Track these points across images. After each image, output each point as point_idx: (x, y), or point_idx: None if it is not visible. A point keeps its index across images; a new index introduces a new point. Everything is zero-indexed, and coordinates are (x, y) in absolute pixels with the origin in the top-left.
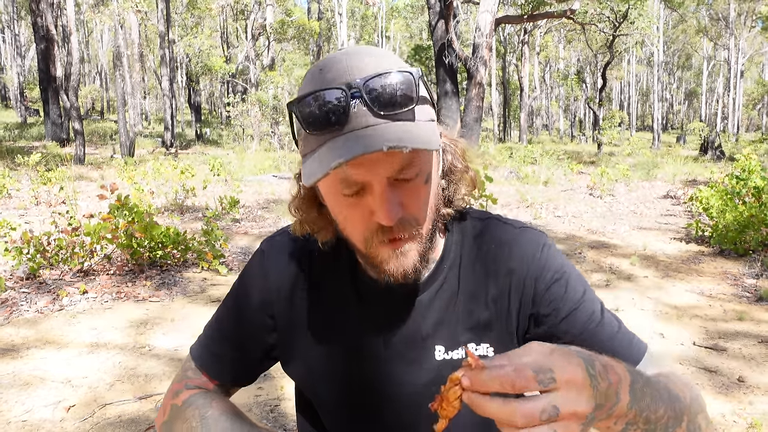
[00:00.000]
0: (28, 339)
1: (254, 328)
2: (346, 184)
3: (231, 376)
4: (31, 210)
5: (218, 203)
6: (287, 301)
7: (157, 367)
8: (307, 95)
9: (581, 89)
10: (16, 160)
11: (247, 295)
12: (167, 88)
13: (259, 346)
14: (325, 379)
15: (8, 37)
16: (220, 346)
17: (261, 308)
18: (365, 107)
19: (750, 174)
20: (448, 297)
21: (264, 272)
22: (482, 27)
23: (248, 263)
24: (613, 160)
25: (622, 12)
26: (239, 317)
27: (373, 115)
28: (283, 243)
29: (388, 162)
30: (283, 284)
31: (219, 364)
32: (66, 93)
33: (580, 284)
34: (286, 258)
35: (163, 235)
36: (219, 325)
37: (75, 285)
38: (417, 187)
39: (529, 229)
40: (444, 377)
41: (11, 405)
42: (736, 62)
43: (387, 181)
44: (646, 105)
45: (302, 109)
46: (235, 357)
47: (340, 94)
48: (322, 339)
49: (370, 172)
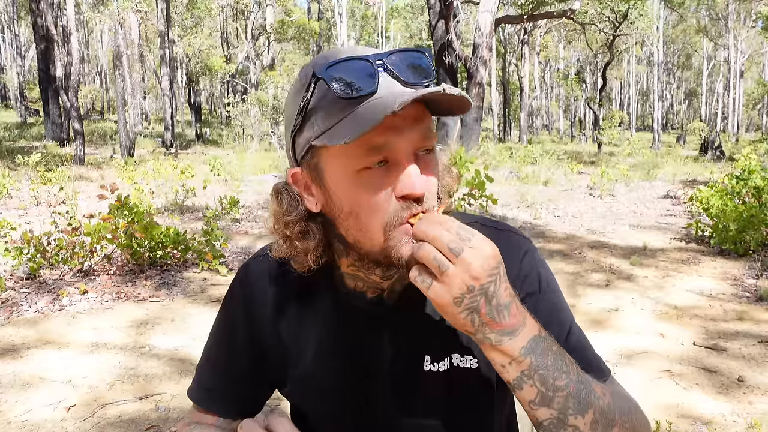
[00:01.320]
0: (28, 339)
1: (245, 359)
2: (376, 151)
3: (234, 409)
4: (31, 210)
5: (218, 203)
6: (273, 330)
7: (158, 367)
8: (338, 60)
9: (581, 89)
10: (16, 160)
11: (233, 327)
12: (167, 88)
13: (254, 375)
14: (318, 400)
15: (8, 37)
16: (216, 381)
17: (248, 341)
18: (392, 77)
19: (750, 174)
20: (433, 309)
21: (246, 303)
22: (482, 27)
23: (228, 293)
24: (613, 160)
25: (622, 12)
26: (229, 351)
27: (401, 84)
28: (260, 270)
29: (416, 128)
30: (266, 314)
31: (219, 401)
32: (66, 93)
33: (555, 296)
34: (266, 285)
35: (163, 235)
36: (211, 361)
37: (75, 285)
38: (432, 163)
39: (512, 233)
40: (432, 389)
41: (12, 405)
42: (736, 62)
43: (414, 150)
44: (646, 105)
45: (334, 74)
46: (233, 390)
47: (367, 63)
48: (313, 361)
49: (399, 137)
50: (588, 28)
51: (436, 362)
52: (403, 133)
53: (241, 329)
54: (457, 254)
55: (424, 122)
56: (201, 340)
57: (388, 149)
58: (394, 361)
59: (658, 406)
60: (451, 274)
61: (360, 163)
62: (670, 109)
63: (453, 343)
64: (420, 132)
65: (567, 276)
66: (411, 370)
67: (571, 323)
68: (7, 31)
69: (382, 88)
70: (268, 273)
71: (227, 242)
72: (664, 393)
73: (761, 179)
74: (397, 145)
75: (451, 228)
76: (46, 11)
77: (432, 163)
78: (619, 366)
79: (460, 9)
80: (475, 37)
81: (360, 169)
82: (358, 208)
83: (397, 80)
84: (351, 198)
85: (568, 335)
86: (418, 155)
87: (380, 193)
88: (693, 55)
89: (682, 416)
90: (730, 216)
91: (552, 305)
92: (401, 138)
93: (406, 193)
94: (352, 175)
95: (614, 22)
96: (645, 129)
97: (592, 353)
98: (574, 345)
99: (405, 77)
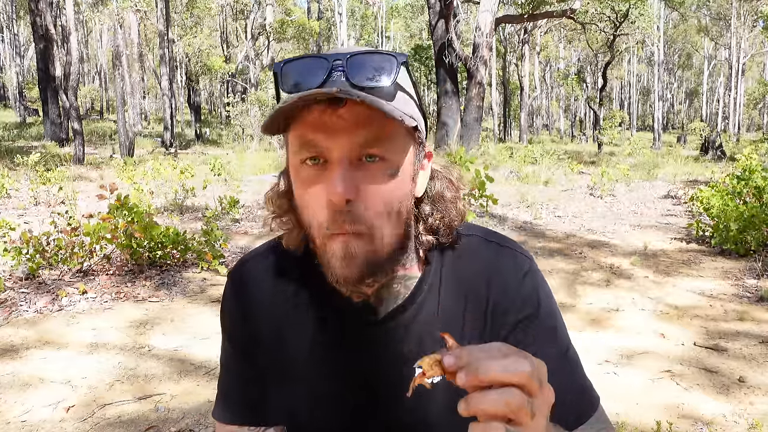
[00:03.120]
0: (27, 339)
1: (247, 363)
2: (307, 146)
3: (251, 414)
4: (30, 210)
5: (218, 203)
6: (265, 334)
7: (157, 368)
8: (294, 58)
9: (582, 89)
10: (15, 160)
11: (230, 336)
12: (167, 88)
13: (260, 377)
14: (311, 409)
15: (7, 36)
16: (230, 390)
17: (245, 345)
18: (344, 79)
19: (751, 174)
20: (428, 321)
21: (241, 310)
22: (482, 26)
23: (222, 300)
24: (614, 160)
25: (622, 12)
26: (233, 359)
27: (350, 86)
28: (249, 274)
29: (356, 132)
30: (259, 322)
31: (246, 409)
32: (65, 93)
33: (553, 320)
34: (253, 290)
35: (163, 236)
36: (228, 373)
37: (74, 285)
38: (379, 174)
39: (514, 251)
40: (425, 401)
41: (11, 405)
42: (737, 62)
43: (348, 154)
44: (646, 104)
45: (286, 70)
46: (246, 395)
47: (323, 62)
48: (305, 370)
49: (331, 137)
50: (588, 28)
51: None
52: (337, 133)
53: (237, 335)
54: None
55: (371, 127)
56: (201, 340)
57: (318, 148)
58: (389, 373)
59: (658, 407)
60: (537, 404)
61: (297, 156)
62: (670, 109)
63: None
64: (361, 136)
65: (567, 276)
66: (405, 382)
67: (568, 348)
68: (6, 31)
69: (329, 86)
70: (256, 280)
71: (227, 242)
72: (665, 393)
73: (762, 179)
74: (327, 145)
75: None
76: (45, 11)
77: (378, 174)
78: (619, 366)
79: (460, 8)
80: (476, 37)
81: (299, 162)
82: (299, 200)
83: (348, 82)
84: (295, 187)
85: (563, 359)
86: (361, 162)
87: (311, 191)
88: (694, 55)
89: (683, 417)
90: (731, 216)
91: (549, 329)
92: (333, 139)
93: (328, 197)
94: (295, 167)
95: (615, 21)
96: (645, 129)
97: (583, 382)
98: (568, 371)
99: (356, 79)
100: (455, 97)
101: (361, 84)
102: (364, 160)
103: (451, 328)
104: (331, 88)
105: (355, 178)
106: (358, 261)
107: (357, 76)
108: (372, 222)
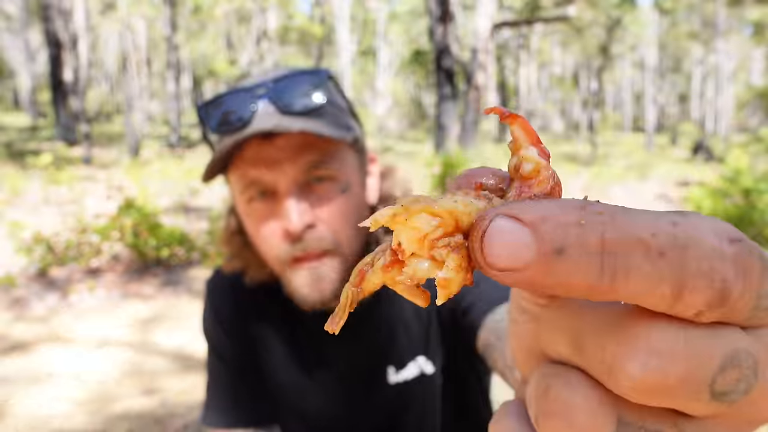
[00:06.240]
0: (38, 335)
1: (230, 368)
2: (251, 184)
3: (236, 417)
4: (41, 210)
5: (223, 203)
6: (239, 341)
7: (163, 364)
8: (215, 98)
9: (576, 92)
10: (27, 162)
11: (218, 343)
12: (173, 91)
13: (242, 379)
14: (287, 414)
15: (19, 42)
16: (216, 396)
17: (223, 352)
18: (273, 106)
19: (739, 175)
20: (394, 317)
21: (217, 318)
22: (480, 31)
23: (203, 308)
24: (608, 161)
25: (616, 18)
26: (222, 363)
27: (280, 113)
28: (223, 284)
29: (295, 160)
30: (232, 325)
31: (234, 412)
32: (75, 96)
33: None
34: (225, 300)
35: (169, 235)
36: (213, 379)
37: (83, 283)
38: (331, 193)
39: None
40: (397, 399)
41: (21, 399)
42: (726, 66)
43: (295, 182)
44: (639, 107)
45: (210, 111)
46: (231, 399)
47: (245, 95)
48: (278, 376)
49: (274, 170)
50: (583, 33)
51: (399, 370)
52: (279, 165)
53: (217, 342)
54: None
55: (312, 150)
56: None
57: (263, 183)
58: (359, 374)
59: None
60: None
61: (243, 196)
62: (662, 112)
63: (414, 348)
64: (305, 162)
65: None
66: (377, 380)
67: None
68: (19, 36)
69: (259, 118)
70: (228, 291)
71: None
72: None
73: (750, 181)
74: (271, 178)
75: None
76: (56, 17)
77: (330, 194)
78: None
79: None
80: (474, 42)
81: (248, 200)
82: (254, 237)
83: (278, 110)
84: (247, 226)
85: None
86: (310, 185)
87: (265, 226)
88: (684, 59)
89: None
90: (721, 216)
91: (488, 282)
92: (276, 171)
93: (284, 229)
94: (244, 205)
95: (608, 27)
96: (639, 131)
97: None
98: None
99: (284, 106)
100: (454, 101)
101: (292, 109)
102: (312, 182)
103: (414, 320)
104: (262, 122)
105: (309, 203)
106: (329, 281)
107: (286, 102)
108: (335, 237)
